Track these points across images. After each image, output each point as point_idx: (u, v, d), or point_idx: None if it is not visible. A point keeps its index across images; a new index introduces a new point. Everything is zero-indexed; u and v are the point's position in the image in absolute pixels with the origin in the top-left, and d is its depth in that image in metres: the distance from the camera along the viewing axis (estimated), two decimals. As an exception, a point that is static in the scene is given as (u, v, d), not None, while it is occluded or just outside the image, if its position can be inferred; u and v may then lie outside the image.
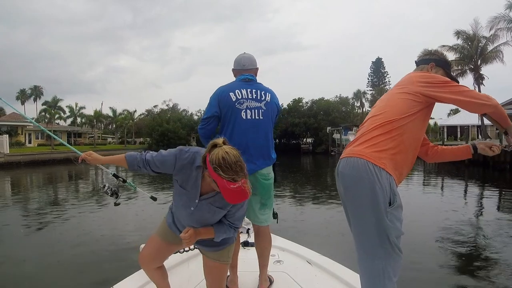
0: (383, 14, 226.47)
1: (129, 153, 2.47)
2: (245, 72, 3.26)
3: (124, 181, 2.81)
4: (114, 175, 2.79)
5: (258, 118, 3.12)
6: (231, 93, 3.10)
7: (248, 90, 3.14)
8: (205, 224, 2.36)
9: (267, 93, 3.22)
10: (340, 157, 2.38)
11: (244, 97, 3.11)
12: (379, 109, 2.41)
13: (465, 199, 15.70)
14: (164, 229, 2.62)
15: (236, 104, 3.08)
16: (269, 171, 3.22)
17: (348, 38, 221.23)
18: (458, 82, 2.47)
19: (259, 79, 3.32)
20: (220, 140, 2.08)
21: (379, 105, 2.46)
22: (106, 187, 2.81)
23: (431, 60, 2.67)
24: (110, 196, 2.80)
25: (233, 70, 3.38)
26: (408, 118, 2.27)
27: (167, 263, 3.54)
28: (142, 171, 2.42)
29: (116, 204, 2.83)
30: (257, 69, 3.36)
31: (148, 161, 2.38)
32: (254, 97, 3.14)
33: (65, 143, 3.61)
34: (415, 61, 2.77)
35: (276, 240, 4.13)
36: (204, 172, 2.20)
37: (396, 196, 2.17)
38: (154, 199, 3.11)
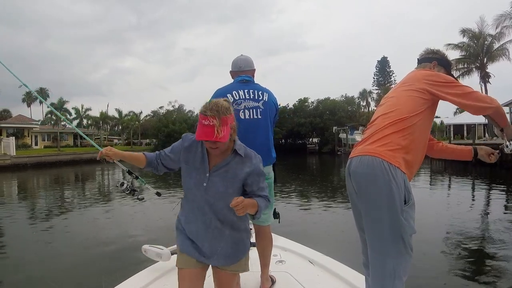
0: (385, 14, 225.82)
1: (146, 152, 2.52)
2: (242, 74, 3.28)
3: (137, 177, 2.76)
4: (128, 171, 2.75)
5: (256, 117, 3.13)
6: (228, 95, 3.11)
7: (246, 90, 3.16)
8: (223, 204, 2.23)
9: (265, 93, 3.23)
10: (351, 156, 2.36)
11: (241, 97, 3.13)
12: (388, 107, 2.39)
13: (473, 197, 15.61)
14: (183, 256, 2.40)
15: (233, 104, 3.07)
16: (269, 171, 3.20)
17: (352, 38, 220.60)
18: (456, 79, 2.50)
19: (264, 79, 3.35)
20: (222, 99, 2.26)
21: (388, 103, 2.43)
22: (125, 185, 2.75)
23: (434, 58, 2.68)
24: (128, 194, 2.75)
25: (230, 72, 3.39)
26: (418, 116, 2.27)
27: (165, 268, 3.51)
28: (156, 169, 2.46)
29: (140, 199, 2.82)
30: (254, 70, 3.37)
31: (159, 154, 2.45)
32: (251, 97, 3.15)
33: (89, 139, 3.85)
34: (418, 59, 2.77)
35: (278, 240, 4.12)
36: None
37: (410, 194, 2.17)
38: (158, 194, 3.04)
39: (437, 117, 60.17)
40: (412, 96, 2.33)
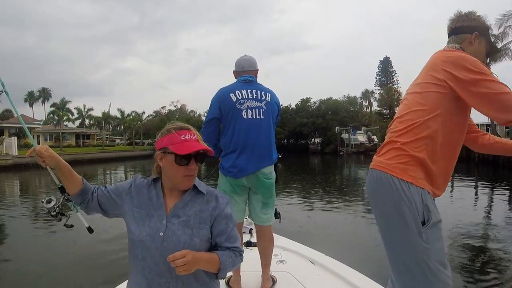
0: (385, 14, 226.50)
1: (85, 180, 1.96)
2: (245, 74, 3.28)
3: (69, 199, 2.02)
4: (61, 188, 2.04)
5: (259, 117, 3.13)
6: (231, 94, 3.11)
7: (249, 90, 3.15)
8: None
9: (267, 93, 3.23)
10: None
11: (244, 97, 3.12)
12: (403, 107, 2.03)
13: (476, 198, 15.56)
14: None
15: (236, 104, 3.09)
16: (270, 170, 3.20)
17: (352, 38, 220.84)
18: (499, 51, 2.04)
19: (266, 79, 3.34)
20: None
21: (404, 102, 2.07)
22: (52, 203, 2.06)
23: (474, 28, 2.09)
24: (53, 216, 2.06)
25: (233, 72, 3.39)
26: (438, 118, 1.87)
27: None
28: (85, 204, 1.92)
29: (68, 226, 2.14)
30: (257, 70, 3.37)
31: (98, 187, 1.94)
32: (254, 97, 3.15)
33: (28, 132, 2.56)
34: (452, 28, 2.15)
35: (279, 240, 4.12)
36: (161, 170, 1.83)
37: (431, 212, 1.83)
38: (90, 231, 2.32)
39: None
40: (427, 92, 1.92)
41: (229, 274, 3.26)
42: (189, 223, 1.75)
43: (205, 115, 3.35)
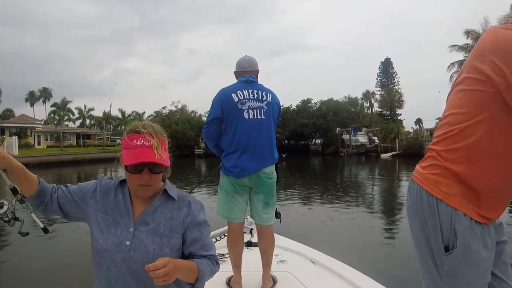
0: (385, 14, 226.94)
1: (42, 179, 1.76)
2: (246, 74, 3.28)
3: (22, 200, 1.78)
4: (13, 189, 1.76)
5: (260, 117, 3.14)
6: (233, 94, 3.12)
7: (250, 91, 3.16)
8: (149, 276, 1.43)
9: (268, 94, 3.24)
10: None
11: (246, 97, 3.13)
12: (445, 108, 1.65)
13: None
14: None
15: (238, 104, 3.10)
16: (272, 170, 3.22)
17: (353, 38, 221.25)
18: None
19: (266, 79, 3.35)
20: None
21: (449, 97, 1.66)
22: (5, 208, 1.74)
23: None
24: (6, 221, 1.75)
25: (234, 72, 3.40)
26: (480, 125, 1.46)
27: None
28: (44, 206, 1.74)
29: (23, 234, 1.82)
30: (257, 71, 3.38)
31: (58, 188, 1.77)
32: (255, 98, 3.16)
33: None
34: None
35: (280, 240, 4.12)
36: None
37: (457, 239, 1.48)
38: (46, 231, 2.06)
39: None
40: (470, 91, 1.50)
41: (230, 274, 3.27)
42: (159, 231, 1.62)
43: (206, 115, 3.37)
